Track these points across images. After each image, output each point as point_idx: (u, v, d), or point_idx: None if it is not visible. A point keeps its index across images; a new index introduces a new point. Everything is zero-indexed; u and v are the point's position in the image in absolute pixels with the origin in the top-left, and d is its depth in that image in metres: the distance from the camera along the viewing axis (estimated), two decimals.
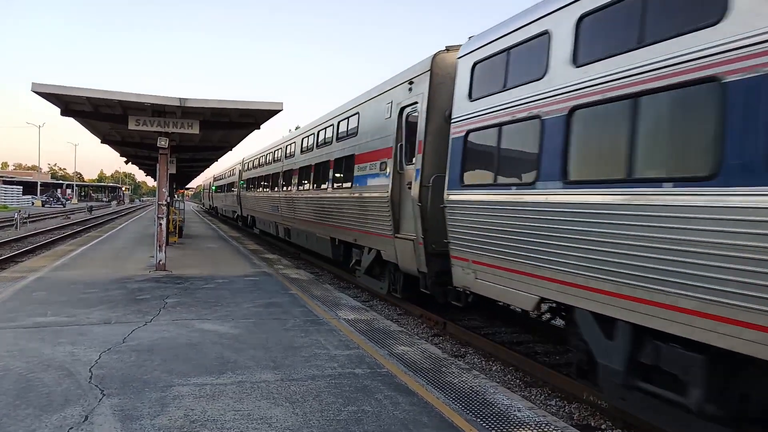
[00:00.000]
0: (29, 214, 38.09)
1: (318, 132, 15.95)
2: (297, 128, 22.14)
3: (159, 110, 12.30)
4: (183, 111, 12.15)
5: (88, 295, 9.56)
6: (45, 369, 5.59)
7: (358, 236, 12.21)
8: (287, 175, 19.39)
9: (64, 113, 12.47)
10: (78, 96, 11.19)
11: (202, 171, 40.07)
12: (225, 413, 4.62)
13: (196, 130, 12.68)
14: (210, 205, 60.40)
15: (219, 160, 28.24)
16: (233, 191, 36.03)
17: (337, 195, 13.38)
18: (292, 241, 19.84)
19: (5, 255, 17.84)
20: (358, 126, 12.36)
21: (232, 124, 13.94)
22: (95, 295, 9.66)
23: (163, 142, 12.71)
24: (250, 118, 13.63)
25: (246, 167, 30.64)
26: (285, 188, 19.49)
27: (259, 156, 26.89)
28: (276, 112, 12.63)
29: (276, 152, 22.30)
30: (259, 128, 14.21)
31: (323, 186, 14.64)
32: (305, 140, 17.40)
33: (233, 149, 19.82)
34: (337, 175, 13.58)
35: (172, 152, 15.90)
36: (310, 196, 15.86)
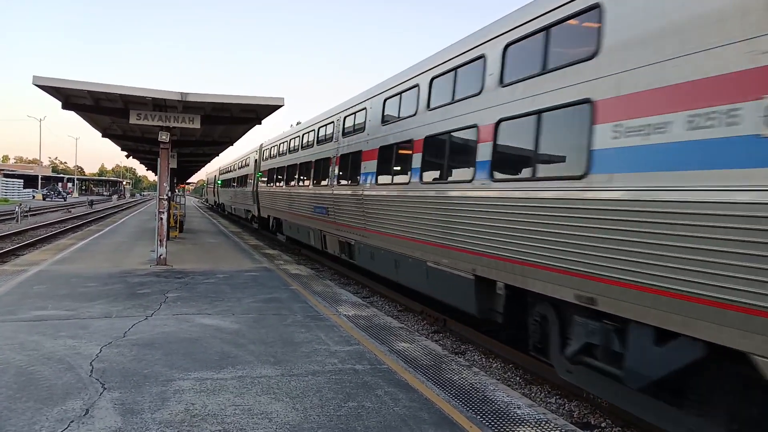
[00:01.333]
0: (30, 208, 38.10)
1: (431, 81, 9.22)
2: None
3: (160, 104, 12.29)
4: (184, 105, 12.14)
5: (88, 289, 9.57)
6: (45, 362, 5.60)
7: (606, 292, 5.29)
8: (348, 161, 13.05)
9: (65, 107, 12.46)
10: (79, 89, 11.18)
11: (204, 166, 39.95)
12: (225, 408, 4.63)
13: (197, 124, 12.68)
14: (215, 202, 51.54)
15: (220, 154, 28.07)
16: (247, 186, 29.25)
17: (516, 195, 6.71)
18: (354, 262, 13.14)
19: (6, 248, 17.86)
20: (597, 43, 5.55)
21: (234, 119, 13.95)
22: (96, 289, 9.67)
23: (164, 137, 12.71)
24: (252, 113, 13.64)
25: (266, 155, 24.39)
26: (343, 182, 13.33)
27: (288, 138, 20.21)
28: (277, 107, 12.63)
29: (322, 129, 15.73)
30: (260, 123, 14.25)
31: (457, 176, 8.26)
32: (389, 102, 11.02)
33: (234, 144, 19.83)
34: (504, 155, 7.22)
35: (173, 147, 15.91)
36: (416, 194, 9.31)
